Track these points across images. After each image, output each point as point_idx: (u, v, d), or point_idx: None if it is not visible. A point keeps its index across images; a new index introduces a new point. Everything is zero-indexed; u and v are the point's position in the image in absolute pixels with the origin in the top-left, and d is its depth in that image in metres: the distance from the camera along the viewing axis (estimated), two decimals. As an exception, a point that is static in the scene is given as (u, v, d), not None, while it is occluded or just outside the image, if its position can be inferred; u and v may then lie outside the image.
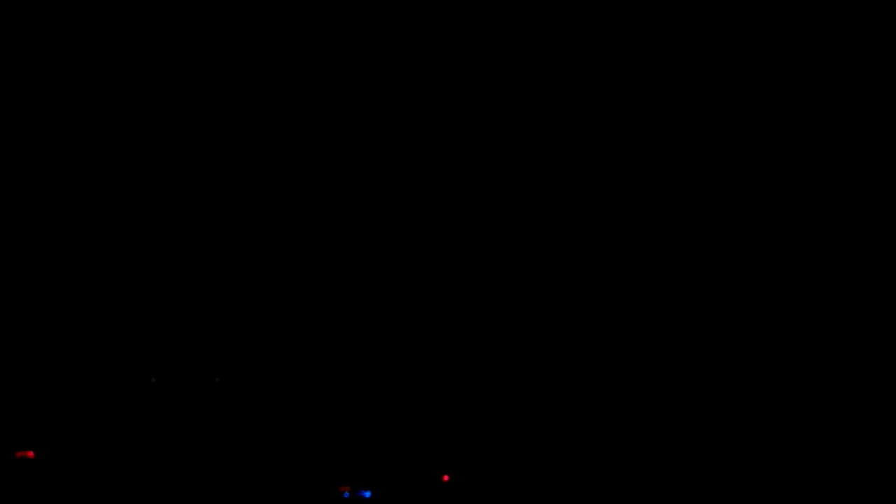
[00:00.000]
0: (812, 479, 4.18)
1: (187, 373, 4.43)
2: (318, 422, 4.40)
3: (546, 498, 4.27)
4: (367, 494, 4.30)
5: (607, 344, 4.40)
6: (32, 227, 4.45)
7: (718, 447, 4.26)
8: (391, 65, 4.48)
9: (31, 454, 4.34)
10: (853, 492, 4.13)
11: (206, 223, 4.50)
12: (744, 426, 4.27)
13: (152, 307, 4.47)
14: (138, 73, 4.45)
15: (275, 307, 4.50)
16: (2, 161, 4.38)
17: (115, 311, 4.46)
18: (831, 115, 4.40)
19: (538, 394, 4.39)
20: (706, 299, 4.40)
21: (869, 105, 4.37)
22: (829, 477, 4.17)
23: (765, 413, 4.27)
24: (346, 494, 4.29)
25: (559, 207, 4.48)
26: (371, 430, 4.39)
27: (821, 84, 4.41)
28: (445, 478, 4.29)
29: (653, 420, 4.31)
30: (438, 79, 4.48)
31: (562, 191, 4.48)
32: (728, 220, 4.43)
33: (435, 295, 4.48)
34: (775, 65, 4.44)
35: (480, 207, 4.50)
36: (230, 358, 4.46)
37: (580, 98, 4.49)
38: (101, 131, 4.45)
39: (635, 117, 4.48)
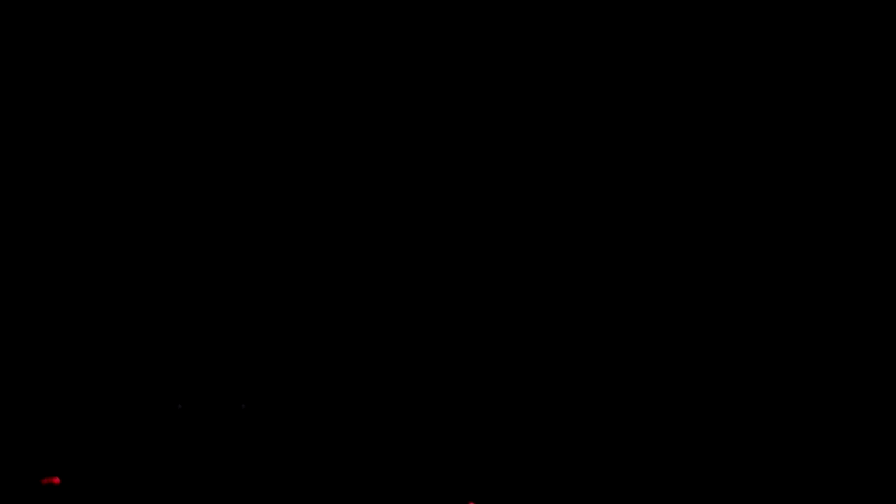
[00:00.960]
0: (812, 479, 4.22)
1: (213, 399, 4.44)
2: (345, 448, 4.42)
3: None
4: None
5: (614, 348, 4.43)
6: (54, 246, 4.45)
7: (718, 447, 4.30)
8: (391, 65, 4.48)
9: (56, 480, 4.36)
10: (853, 492, 4.17)
11: (235, 250, 4.50)
12: (744, 426, 4.30)
13: (179, 333, 4.48)
14: (138, 73, 4.45)
15: (302, 334, 4.51)
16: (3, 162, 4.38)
17: (141, 338, 4.47)
18: (831, 115, 4.42)
19: (562, 411, 4.41)
20: (706, 299, 4.43)
21: (869, 105, 4.39)
22: (829, 477, 4.21)
23: (765, 413, 4.31)
24: None
25: (559, 207, 4.50)
26: (397, 458, 4.41)
27: (821, 84, 4.43)
28: None
29: (660, 422, 4.35)
30: (438, 79, 4.48)
31: (562, 191, 4.49)
32: (728, 221, 4.45)
33: (458, 314, 4.50)
34: (775, 65, 4.45)
35: (481, 207, 4.51)
36: (256, 384, 4.48)
37: (580, 98, 4.50)
38: (100, 131, 4.45)
39: (635, 117, 4.50)
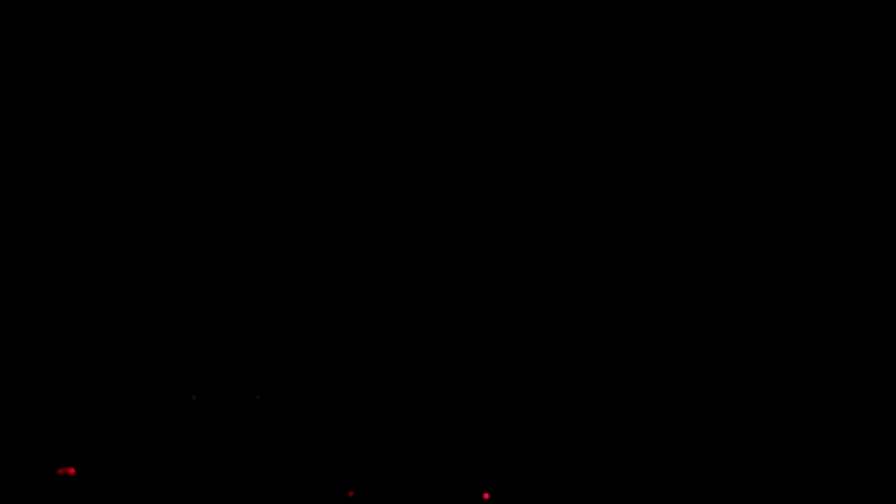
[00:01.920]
0: (812, 479, 4.25)
1: (227, 390, 4.46)
2: (360, 442, 4.44)
3: None
4: None
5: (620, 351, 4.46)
6: (71, 244, 4.45)
7: (718, 447, 4.33)
8: (391, 65, 4.49)
9: (71, 471, 4.37)
10: (853, 492, 4.21)
11: (250, 243, 4.51)
12: (744, 426, 4.33)
13: (192, 325, 4.49)
14: (138, 73, 4.44)
15: (315, 326, 4.53)
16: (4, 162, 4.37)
17: (155, 330, 4.47)
18: (831, 115, 4.45)
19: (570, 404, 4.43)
20: (706, 299, 4.46)
21: (869, 105, 4.42)
22: (829, 477, 4.24)
23: (765, 413, 4.33)
24: None
25: (559, 207, 4.51)
26: (412, 452, 4.43)
27: (821, 84, 4.46)
28: (486, 496, 4.33)
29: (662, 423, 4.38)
30: (438, 79, 4.49)
31: (562, 191, 4.51)
32: (728, 221, 4.48)
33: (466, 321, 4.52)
34: (775, 65, 4.48)
35: (481, 207, 4.53)
36: (271, 375, 4.49)
37: (580, 98, 4.52)
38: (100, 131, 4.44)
39: (635, 117, 4.52)
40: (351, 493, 4.41)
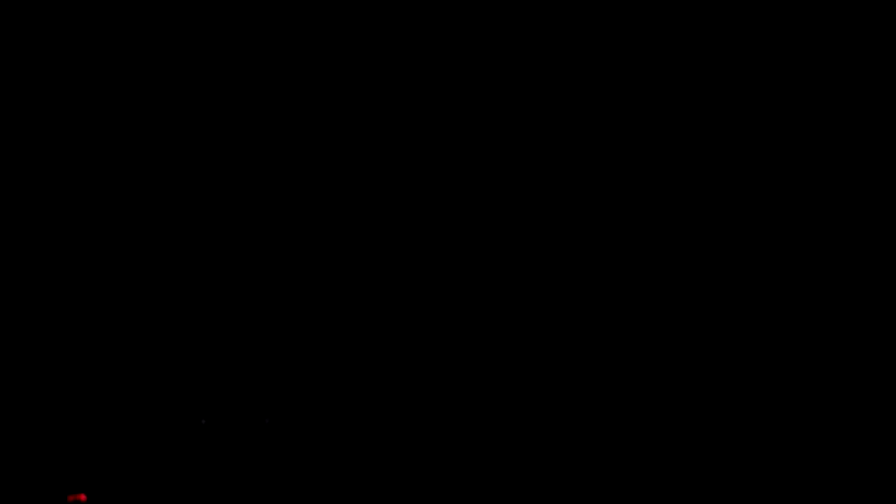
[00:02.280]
0: (812, 479, 4.26)
1: (237, 414, 4.46)
2: (369, 462, 4.44)
3: None
4: None
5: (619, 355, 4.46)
6: (87, 262, 4.45)
7: (718, 447, 4.34)
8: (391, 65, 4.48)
9: (83, 497, 4.39)
10: (853, 492, 4.21)
11: (263, 265, 4.51)
12: (744, 426, 4.34)
13: (203, 351, 4.49)
14: (138, 73, 4.43)
15: (329, 348, 4.53)
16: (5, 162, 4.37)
17: (165, 353, 4.47)
18: (831, 115, 4.45)
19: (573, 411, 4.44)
20: (706, 299, 4.46)
21: (869, 105, 4.42)
22: (829, 477, 4.25)
23: (765, 413, 4.34)
24: None
25: (560, 207, 4.51)
26: (420, 471, 4.44)
27: (821, 84, 4.45)
28: None
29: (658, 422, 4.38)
30: (438, 79, 4.49)
31: (562, 191, 4.51)
32: (728, 221, 4.48)
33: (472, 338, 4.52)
34: (775, 65, 4.48)
35: (482, 207, 4.53)
36: (280, 399, 4.49)
37: (580, 98, 4.51)
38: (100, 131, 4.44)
39: (635, 117, 4.51)
40: None
